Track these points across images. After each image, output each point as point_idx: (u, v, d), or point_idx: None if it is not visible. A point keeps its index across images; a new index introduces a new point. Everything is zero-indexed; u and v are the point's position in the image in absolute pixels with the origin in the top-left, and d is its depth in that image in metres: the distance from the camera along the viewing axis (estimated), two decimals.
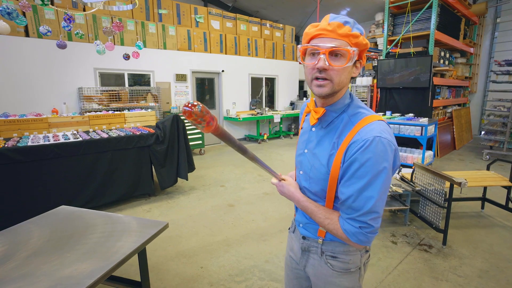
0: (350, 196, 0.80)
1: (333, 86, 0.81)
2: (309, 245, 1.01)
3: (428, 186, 2.85)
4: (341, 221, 0.84)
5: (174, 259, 2.46)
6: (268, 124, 8.44)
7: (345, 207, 0.83)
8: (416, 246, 2.62)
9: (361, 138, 0.79)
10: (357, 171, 0.79)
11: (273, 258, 2.47)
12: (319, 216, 0.89)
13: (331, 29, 0.78)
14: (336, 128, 0.87)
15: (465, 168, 5.23)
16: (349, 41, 0.79)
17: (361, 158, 0.78)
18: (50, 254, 1.47)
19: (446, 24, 5.99)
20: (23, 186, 2.87)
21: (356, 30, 0.80)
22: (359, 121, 0.83)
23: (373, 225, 0.80)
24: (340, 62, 0.79)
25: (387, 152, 0.78)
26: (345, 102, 0.88)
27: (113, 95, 5.38)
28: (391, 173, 0.83)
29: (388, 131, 0.81)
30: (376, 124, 0.81)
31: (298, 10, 10.62)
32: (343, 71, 0.80)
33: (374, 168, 0.77)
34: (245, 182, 4.47)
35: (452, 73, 6.73)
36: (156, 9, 6.30)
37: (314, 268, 1.00)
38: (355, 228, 0.80)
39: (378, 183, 0.78)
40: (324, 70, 0.79)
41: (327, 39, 0.78)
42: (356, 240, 0.81)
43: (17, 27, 4.69)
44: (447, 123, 6.66)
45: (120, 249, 1.50)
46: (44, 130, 3.71)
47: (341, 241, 0.92)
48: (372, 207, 0.78)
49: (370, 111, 0.88)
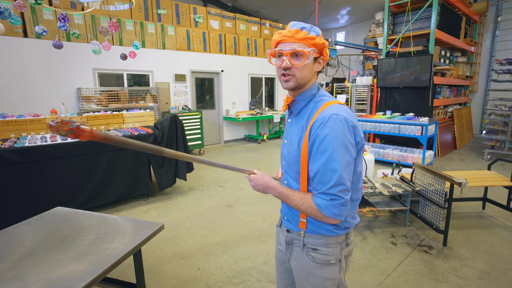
0: (318, 171, 0.89)
1: (297, 80, 0.96)
2: (292, 238, 1.06)
3: (428, 187, 2.82)
4: (314, 198, 0.91)
5: (171, 261, 2.44)
6: (268, 124, 8.42)
7: (315, 183, 0.91)
8: (416, 247, 2.59)
9: (319, 117, 0.90)
10: (319, 147, 0.88)
11: (271, 259, 2.44)
12: (294, 198, 0.95)
13: (290, 35, 0.93)
14: (304, 114, 0.99)
15: (466, 168, 5.19)
16: (306, 43, 0.93)
17: (321, 133, 0.88)
18: (42, 256, 1.45)
19: (446, 23, 5.95)
20: (20, 187, 2.85)
21: (312, 33, 0.94)
22: (322, 105, 0.95)
23: (343, 196, 0.87)
24: (300, 60, 0.94)
25: (344, 128, 0.88)
26: (312, 92, 1.01)
27: (112, 95, 5.36)
28: (353, 149, 0.90)
29: (346, 111, 0.92)
30: (335, 106, 0.93)
31: (298, 10, 10.59)
32: (303, 68, 0.94)
33: (333, 142, 0.86)
34: (244, 183, 4.45)
35: (452, 72, 6.69)
36: (155, 9, 6.29)
37: (296, 260, 1.05)
38: (327, 201, 0.88)
39: (339, 156, 0.86)
40: (288, 68, 0.94)
41: (288, 43, 0.94)
42: (329, 213, 0.88)
43: (15, 27, 4.68)
44: (447, 122, 6.62)
45: (113, 251, 1.48)
46: (42, 131, 3.70)
47: (321, 233, 0.99)
48: (338, 179, 0.86)
49: (333, 98, 1.00)
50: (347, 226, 1.00)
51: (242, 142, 7.93)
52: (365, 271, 2.26)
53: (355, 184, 0.98)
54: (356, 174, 0.96)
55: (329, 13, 10.62)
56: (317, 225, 0.99)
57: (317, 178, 0.90)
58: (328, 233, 0.99)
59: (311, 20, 11.42)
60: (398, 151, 5.34)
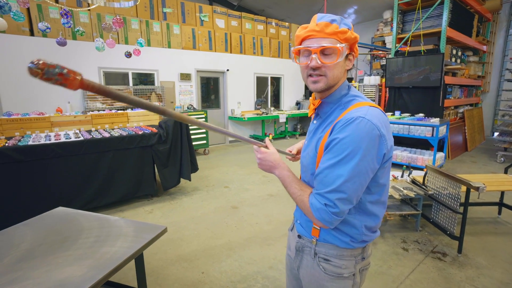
0: (323, 171, 0.81)
1: (327, 81, 0.85)
2: (303, 244, 0.99)
3: (442, 190, 2.71)
4: (311, 196, 0.84)
5: (174, 263, 2.37)
6: (274, 124, 8.33)
7: (317, 181, 0.83)
8: (429, 254, 2.48)
9: (345, 118, 0.80)
10: (333, 147, 0.80)
11: (277, 264, 2.36)
12: (294, 187, 0.89)
13: (319, 29, 0.82)
14: (330, 115, 0.90)
15: (479, 170, 5.03)
16: (337, 38, 0.82)
17: (340, 135, 0.79)
18: (41, 259, 1.39)
19: (458, 21, 5.79)
20: (23, 186, 2.82)
21: (343, 26, 0.83)
22: (351, 105, 0.85)
23: (339, 206, 0.78)
24: (331, 59, 0.83)
25: (368, 135, 0.77)
26: (342, 93, 0.90)
27: None
28: (374, 161, 0.79)
29: (377, 117, 0.80)
30: (365, 108, 0.81)
31: (304, 9, 10.48)
32: (335, 67, 0.84)
33: (350, 146, 0.76)
34: (249, 183, 4.37)
35: (464, 71, 6.52)
36: (161, 8, 6.25)
37: (306, 270, 0.98)
38: (321, 204, 0.80)
39: (352, 163, 0.77)
40: (317, 68, 0.83)
41: (317, 39, 0.82)
42: (319, 216, 0.80)
43: (21, 26, 4.68)
44: (458, 123, 6.45)
45: (114, 255, 1.41)
46: (46, 129, 3.67)
47: (334, 244, 0.91)
48: (340, 185, 0.77)
49: (366, 99, 0.88)
50: (365, 239, 0.91)
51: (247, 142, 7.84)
52: (376, 278, 2.16)
53: (376, 196, 0.88)
54: (378, 186, 0.87)
55: (335, 12, 10.48)
56: (331, 234, 0.90)
57: (320, 177, 0.82)
58: (342, 245, 0.90)
59: None
60: (408, 152, 5.21)
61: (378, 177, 0.85)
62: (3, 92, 4.60)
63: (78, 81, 0.57)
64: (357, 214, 0.87)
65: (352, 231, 0.88)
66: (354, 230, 0.88)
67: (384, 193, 0.90)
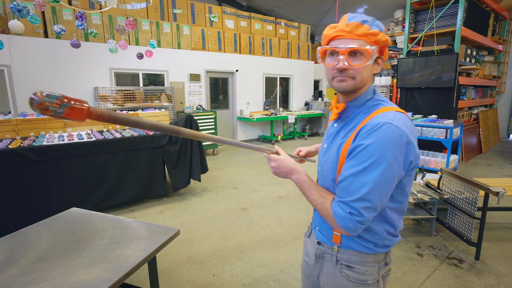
0: (347, 178, 0.78)
1: (355, 83, 0.82)
2: (323, 251, 0.96)
3: (458, 194, 2.63)
4: (333, 203, 0.81)
5: (185, 265, 2.37)
6: (282, 124, 8.29)
7: (340, 189, 0.80)
8: (445, 260, 2.41)
9: (370, 123, 0.77)
10: (358, 154, 0.77)
11: (288, 268, 2.33)
12: (314, 193, 0.86)
13: (349, 30, 0.78)
14: (353, 119, 0.87)
15: (494, 174, 4.89)
16: (368, 40, 0.78)
17: (366, 141, 0.75)
18: (56, 261, 1.40)
19: (473, 19, 5.64)
20: (38, 186, 2.87)
21: (375, 28, 0.79)
22: (375, 110, 0.82)
23: (364, 214, 0.76)
24: (360, 61, 0.79)
25: (396, 141, 0.74)
26: (367, 97, 0.87)
27: (127, 95, 5.39)
28: (400, 168, 0.77)
29: (404, 123, 0.77)
30: (391, 113, 0.78)
31: (314, 9, 10.40)
32: (363, 70, 0.80)
33: (376, 153, 0.73)
34: (258, 185, 4.35)
35: (478, 72, 6.35)
36: (171, 9, 6.29)
37: (328, 277, 0.95)
38: (345, 212, 0.77)
39: (378, 170, 0.74)
40: (344, 70, 0.80)
41: (346, 40, 0.79)
42: (343, 225, 0.78)
43: (36, 28, 4.77)
44: (472, 125, 6.28)
45: (128, 258, 1.42)
46: (60, 130, 3.73)
47: (357, 250, 0.88)
48: (365, 194, 0.75)
49: (391, 104, 0.85)
50: (388, 244, 0.89)
51: (256, 143, 7.83)
52: (390, 285, 2.11)
53: (398, 203, 0.86)
54: (401, 193, 0.84)
55: (345, 12, 10.33)
56: (353, 240, 0.88)
57: (344, 184, 0.79)
58: (366, 251, 0.88)
59: (327, 19, 11.20)
60: (420, 155, 5.09)
61: (403, 185, 0.82)
62: (18, 93, 4.70)
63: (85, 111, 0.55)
64: (378, 221, 0.85)
65: (374, 237, 0.87)
66: (375, 236, 0.86)
67: (405, 201, 0.87)
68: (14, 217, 2.73)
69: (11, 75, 4.61)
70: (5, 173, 2.70)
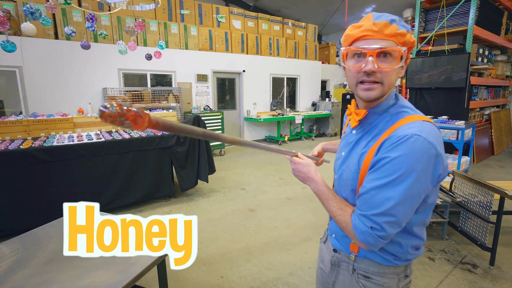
0: (370, 191, 0.73)
1: (383, 89, 0.76)
2: (340, 259, 0.93)
3: (471, 198, 2.56)
4: (353, 216, 0.77)
5: (193, 266, 2.36)
6: (289, 125, 8.25)
7: (361, 201, 0.76)
8: (458, 265, 2.35)
9: (396, 135, 0.72)
10: (383, 166, 0.72)
11: (297, 271, 2.30)
12: (332, 204, 0.83)
13: (377, 29, 0.73)
14: (374, 127, 0.82)
15: (508, 176, 4.77)
16: (396, 41, 0.73)
17: (391, 154, 0.71)
18: (67, 262, 1.41)
19: (486, 18, 5.51)
20: (49, 186, 2.90)
21: (402, 28, 0.74)
22: (400, 119, 0.76)
23: (387, 230, 0.72)
24: (390, 63, 0.74)
25: (424, 154, 0.69)
26: (389, 103, 0.81)
27: (136, 95, 5.43)
28: (428, 183, 0.72)
29: (433, 134, 0.72)
30: (418, 123, 0.73)
31: (321, 9, 10.32)
32: (392, 73, 0.75)
33: (403, 167, 0.69)
34: (266, 186, 4.33)
35: (491, 71, 6.21)
36: (179, 10, 6.31)
37: (343, 286, 0.92)
38: (366, 227, 0.73)
39: (404, 185, 0.69)
40: (373, 73, 0.74)
41: (373, 40, 0.73)
42: (363, 239, 0.74)
43: (47, 30, 4.84)
44: (484, 126, 6.15)
45: (138, 260, 1.41)
46: (69, 130, 3.78)
47: (376, 261, 0.85)
48: (390, 208, 0.70)
49: (417, 111, 0.80)
50: (409, 258, 0.84)
51: (263, 143, 7.80)
52: None
53: (422, 216, 0.81)
54: (425, 205, 0.79)
55: (352, 11, 10.26)
56: (372, 251, 0.85)
57: (366, 197, 0.75)
58: (385, 263, 0.84)
59: (334, 19, 11.11)
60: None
61: (427, 197, 0.77)
62: (29, 93, 4.77)
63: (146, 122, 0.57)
64: (401, 234, 0.81)
65: (396, 249, 0.82)
66: (398, 249, 0.82)
67: (429, 214, 0.83)
68: (25, 217, 2.77)
69: (22, 76, 4.68)
70: (17, 173, 2.74)
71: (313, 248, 2.62)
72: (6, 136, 3.34)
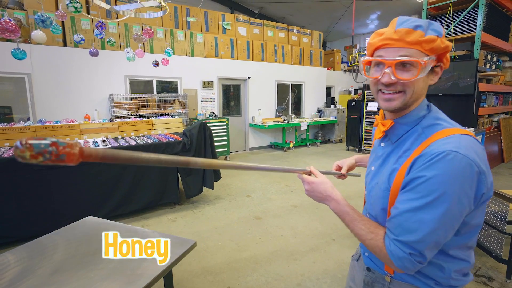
0: (404, 213, 0.67)
1: (405, 98, 0.71)
2: (373, 279, 0.86)
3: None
4: (387, 241, 0.70)
5: (199, 276, 2.32)
6: (295, 131, 8.21)
7: (395, 224, 0.69)
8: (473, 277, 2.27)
9: (431, 151, 0.65)
10: (417, 187, 0.65)
11: (305, 282, 2.24)
12: (360, 227, 0.75)
13: (397, 37, 0.68)
14: (405, 141, 0.75)
15: None
16: (421, 49, 0.68)
17: (427, 173, 0.64)
18: (73, 272, 1.38)
19: (493, 24, 5.47)
20: (55, 193, 2.90)
21: (431, 33, 0.68)
22: (434, 133, 0.70)
23: (426, 255, 0.66)
24: (410, 74, 0.69)
25: (464, 173, 0.62)
26: (420, 114, 0.75)
27: (141, 101, 5.46)
28: (470, 204, 0.65)
29: (473, 148, 0.65)
30: (455, 138, 0.66)
31: (326, 15, 10.38)
32: (415, 82, 0.69)
33: (441, 188, 0.62)
34: (271, 193, 4.28)
35: (499, 78, 6.13)
36: (185, 17, 6.38)
37: None
38: (404, 253, 0.67)
39: (442, 208, 0.63)
40: (391, 84, 0.70)
41: (394, 49, 0.69)
42: (401, 265, 0.68)
43: (56, 37, 4.91)
44: (493, 133, 6.04)
45: (145, 271, 1.38)
46: (76, 136, 3.79)
47: (414, 284, 0.76)
48: (427, 234, 0.64)
49: (453, 124, 0.73)
50: (454, 284, 0.75)
51: (268, 150, 7.78)
52: None
53: (465, 238, 0.73)
54: (470, 227, 0.71)
55: (357, 18, 10.29)
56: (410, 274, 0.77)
57: (399, 220, 0.68)
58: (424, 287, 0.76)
59: (339, 26, 11.14)
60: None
61: (472, 217, 0.70)
62: (37, 100, 4.83)
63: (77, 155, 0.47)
64: (442, 255, 0.73)
65: (437, 274, 0.74)
66: (439, 274, 0.74)
67: (474, 236, 0.74)
68: (31, 224, 2.76)
69: (31, 83, 4.74)
70: (24, 179, 2.73)
71: (321, 258, 2.56)
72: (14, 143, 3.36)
